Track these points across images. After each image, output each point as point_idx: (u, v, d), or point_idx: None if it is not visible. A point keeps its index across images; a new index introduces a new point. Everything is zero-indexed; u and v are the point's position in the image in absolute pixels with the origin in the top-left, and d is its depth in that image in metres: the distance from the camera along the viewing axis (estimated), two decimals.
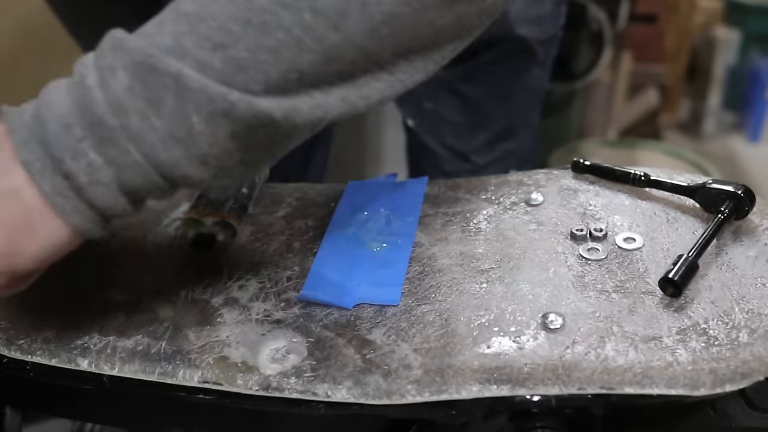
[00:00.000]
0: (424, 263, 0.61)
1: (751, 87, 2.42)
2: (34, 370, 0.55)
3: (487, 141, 1.04)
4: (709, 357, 0.50)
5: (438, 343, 0.53)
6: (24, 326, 0.57)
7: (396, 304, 0.57)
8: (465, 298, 0.57)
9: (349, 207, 0.69)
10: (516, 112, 1.05)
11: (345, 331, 0.55)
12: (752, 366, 0.50)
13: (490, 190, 0.70)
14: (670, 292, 0.55)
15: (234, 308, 0.58)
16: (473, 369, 0.51)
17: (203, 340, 0.55)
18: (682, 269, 0.55)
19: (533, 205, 0.67)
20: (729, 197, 0.62)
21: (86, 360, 0.54)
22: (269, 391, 0.51)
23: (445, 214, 0.67)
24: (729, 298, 0.55)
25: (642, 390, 0.49)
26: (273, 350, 0.54)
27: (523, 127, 1.07)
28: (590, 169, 0.70)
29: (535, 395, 0.50)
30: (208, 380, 0.52)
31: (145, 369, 0.54)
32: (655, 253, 0.60)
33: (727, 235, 0.61)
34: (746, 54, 2.42)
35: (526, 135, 1.07)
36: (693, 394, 0.49)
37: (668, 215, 0.64)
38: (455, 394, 0.50)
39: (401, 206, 0.68)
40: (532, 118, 1.07)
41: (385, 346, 0.53)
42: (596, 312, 0.55)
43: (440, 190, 0.71)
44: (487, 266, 0.60)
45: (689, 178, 0.66)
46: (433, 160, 1.05)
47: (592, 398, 0.49)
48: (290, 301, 0.58)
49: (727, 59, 2.42)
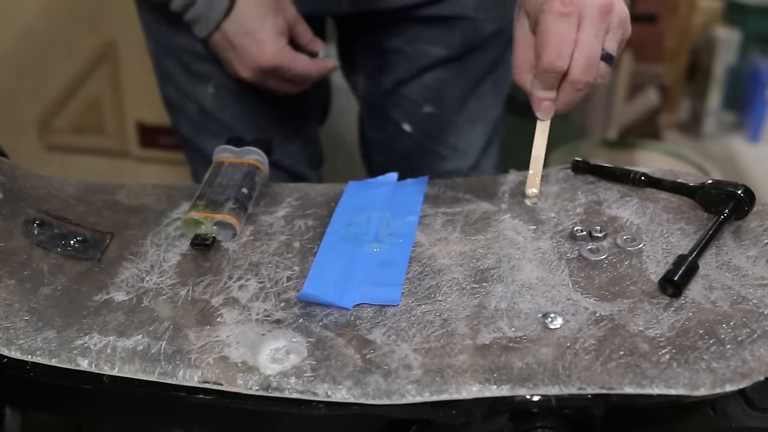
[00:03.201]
0: (424, 263, 0.61)
1: (751, 87, 2.42)
2: (34, 370, 0.55)
3: (484, 132, 1.05)
4: (709, 357, 0.50)
5: (438, 343, 0.53)
6: (24, 326, 0.57)
7: (396, 304, 0.57)
8: (465, 298, 0.57)
9: (349, 207, 0.69)
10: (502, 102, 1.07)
11: (345, 331, 0.55)
12: (752, 366, 0.50)
13: (490, 190, 0.70)
14: (670, 292, 0.55)
15: (234, 308, 0.58)
16: (473, 369, 0.51)
17: (203, 340, 0.55)
18: (682, 269, 0.55)
19: (533, 205, 0.67)
20: (729, 197, 0.62)
21: (86, 360, 0.54)
22: (269, 391, 0.51)
23: (445, 214, 0.67)
24: (729, 298, 0.55)
25: (642, 390, 0.49)
26: (273, 350, 0.54)
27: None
28: (590, 169, 0.70)
29: (535, 395, 0.50)
30: (208, 380, 0.52)
31: (145, 369, 0.54)
32: (655, 253, 0.60)
33: (727, 235, 0.61)
34: (746, 54, 2.42)
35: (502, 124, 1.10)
36: (693, 394, 0.49)
37: (668, 215, 0.64)
38: (455, 394, 0.50)
39: (401, 206, 0.68)
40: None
41: (385, 346, 0.53)
42: (596, 312, 0.55)
43: (440, 190, 0.71)
44: (487, 266, 0.60)
45: (689, 178, 0.66)
46: (433, 162, 1.05)
47: (592, 398, 0.49)
48: (290, 301, 0.58)
49: (727, 59, 2.42)
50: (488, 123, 1.06)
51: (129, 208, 0.71)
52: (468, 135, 1.04)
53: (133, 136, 1.85)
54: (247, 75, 0.85)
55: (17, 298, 0.59)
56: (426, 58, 0.98)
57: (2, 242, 0.65)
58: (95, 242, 0.66)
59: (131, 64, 1.77)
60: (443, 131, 1.03)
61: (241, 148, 0.72)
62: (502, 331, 0.54)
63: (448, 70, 0.99)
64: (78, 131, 1.88)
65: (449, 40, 0.97)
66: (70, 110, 1.84)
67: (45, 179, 0.74)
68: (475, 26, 0.96)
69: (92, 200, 0.72)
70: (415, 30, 0.96)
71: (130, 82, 1.79)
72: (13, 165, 0.73)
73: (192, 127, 1.00)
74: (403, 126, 1.04)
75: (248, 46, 0.82)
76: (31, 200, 0.70)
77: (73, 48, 1.77)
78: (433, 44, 0.97)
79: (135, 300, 0.59)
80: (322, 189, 0.73)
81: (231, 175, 0.70)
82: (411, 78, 1.00)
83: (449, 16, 0.95)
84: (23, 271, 0.62)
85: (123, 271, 0.63)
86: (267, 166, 0.72)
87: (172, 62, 0.96)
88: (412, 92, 1.01)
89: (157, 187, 0.74)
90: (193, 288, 0.60)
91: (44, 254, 0.64)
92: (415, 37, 0.97)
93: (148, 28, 0.98)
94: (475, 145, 1.05)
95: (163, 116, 1.05)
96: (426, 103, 1.01)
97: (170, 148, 1.80)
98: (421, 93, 1.01)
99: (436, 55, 0.98)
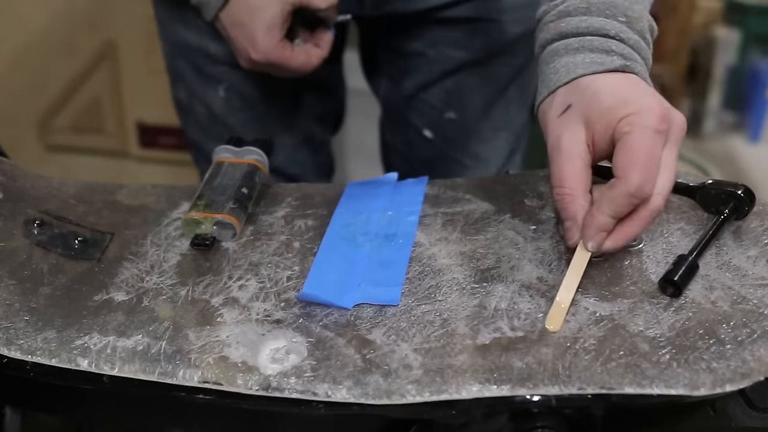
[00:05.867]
0: (424, 263, 0.61)
1: (751, 87, 2.42)
2: (34, 370, 0.55)
3: (507, 142, 1.03)
4: (709, 357, 0.50)
5: (438, 343, 0.53)
6: (24, 326, 0.57)
7: (396, 304, 0.57)
8: (465, 298, 0.57)
9: (349, 207, 0.69)
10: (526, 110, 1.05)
11: (345, 331, 0.55)
12: (752, 366, 0.50)
13: (490, 189, 0.70)
14: (670, 292, 0.55)
15: (234, 308, 0.58)
16: (473, 369, 0.51)
17: (203, 340, 0.55)
18: (682, 269, 0.55)
19: (533, 204, 0.67)
20: (729, 197, 0.62)
21: (86, 360, 0.54)
22: (269, 391, 0.51)
23: (445, 214, 0.67)
24: (729, 298, 0.55)
25: (642, 390, 0.49)
26: (273, 350, 0.54)
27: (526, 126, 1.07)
28: None
29: (535, 395, 0.50)
30: (208, 380, 0.52)
31: (145, 369, 0.54)
32: (655, 253, 0.60)
33: (727, 235, 0.61)
34: (746, 54, 2.42)
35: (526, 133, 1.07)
36: (693, 394, 0.49)
37: (668, 215, 0.64)
38: (455, 394, 0.50)
39: (401, 206, 0.68)
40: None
41: (385, 346, 0.53)
42: (596, 312, 0.55)
43: (440, 190, 0.71)
44: (487, 266, 0.60)
45: (689, 178, 0.66)
46: (455, 170, 1.02)
47: (592, 398, 0.49)
48: (290, 301, 0.58)
49: (727, 59, 2.41)
50: (513, 132, 1.03)
51: (129, 208, 0.71)
52: (492, 144, 1.02)
53: (133, 136, 1.85)
54: (245, 65, 0.83)
55: (17, 298, 0.59)
56: (448, 61, 0.95)
57: (2, 242, 0.65)
58: (95, 242, 0.66)
59: (131, 64, 1.77)
60: (466, 139, 1.01)
61: (241, 148, 0.72)
62: (502, 331, 0.54)
63: (472, 75, 0.96)
64: (78, 131, 1.88)
65: (472, 44, 0.94)
66: (70, 110, 1.84)
67: (45, 179, 0.74)
68: (499, 28, 0.93)
69: (92, 200, 0.72)
70: (437, 33, 0.94)
71: (130, 82, 1.79)
72: (13, 165, 0.73)
73: (200, 130, 0.99)
74: (424, 132, 1.01)
75: (240, 39, 0.79)
76: (31, 200, 0.70)
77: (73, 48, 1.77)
78: (455, 47, 0.94)
79: (135, 300, 0.59)
80: (322, 189, 0.73)
81: (231, 175, 0.70)
82: (433, 82, 0.97)
83: (472, 18, 0.92)
84: (23, 271, 0.62)
85: (123, 271, 0.63)
86: (267, 166, 0.72)
87: (185, 63, 0.95)
88: (433, 97, 0.98)
89: (157, 187, 0.74)
90: (193, 288, 0.60)
91: (44, 254, 0.64)
92: (437, 40, 0.94)
93: (162, 28, 0.97)
94: (498, 154, 1.03)
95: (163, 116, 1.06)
96: (448, 108, 0.98)
97: (170, 148, 1.80)
98: (443, 98, 0.98)
99: (458, 59, 0.95)
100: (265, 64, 0.80)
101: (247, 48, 0.79)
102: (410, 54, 0.97)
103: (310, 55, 0.82)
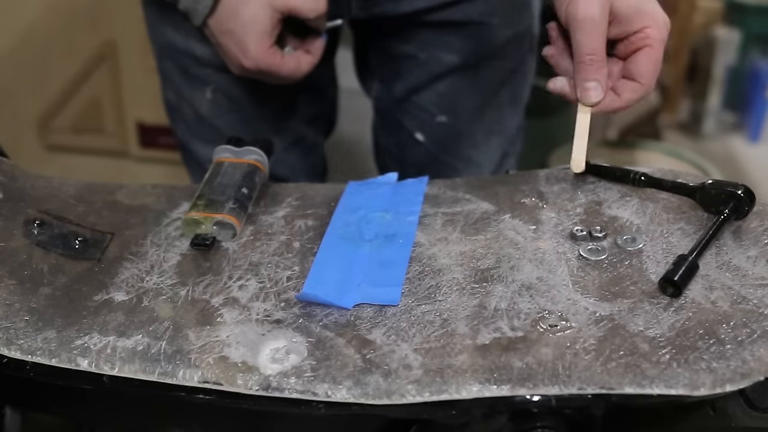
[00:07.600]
0: (424, 263, 0.61)
1: (751, 87, 2.42)
2: (34, 370, 0.55)
3: (499, 145, 1.03)
4: (709, 357, 0.50)
5: (438, 343, 0.53)
6: (24, 326, 0.57)
7: (396, 304, 0.57)
8: (465, 298, 0.57)
9: (349, 207, 0.69)
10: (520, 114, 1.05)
11: (345, 331, 0.55)
12: (752, 366, 0.50)
13: (489, 189, 0.70)
14: (670, 292, 0.55)
15: (234, 308, 0.58)
16: (473, 369, 0.51)
17: (203, 340, 0.55)
18: (682, 269, 0.55)
19: (533, 204, 0.67)
20: (729, 197, 0.62)
21: (86, 360, 0.54)
22: (269, 391, 0.51)
23: (445, 214, 0.67)
24: (729, 298, 0.55)
25: (642, 390, 0.49)
26: (273, 350, 0.54)
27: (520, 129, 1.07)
28: (590, 169, 0.70)
29: (535, 395, 0.50)
30: (208, 380, 0.53)
31: (145, 369, 0.54)
32: (655, 253, 0.60)
33: (727, 235, 0.61)
34: (746, 54, 2.42)
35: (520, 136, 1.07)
36: (693, 394, 0.49)
37: (668, 215, 0.64)
38: (455, 394, 0.50)
39: (401, 206, 0.68)
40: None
41: (385, 346, 0.53)
42: (596, 312, 0.55)
43: (440, 190, 0.71)
44: (487, 266, 0.60)
45: (689, 178, 0.66)
46: (446, 174, 1.03)
47: (592, 398, 0.49)
48: (290, 301, 0.58)
49: (727, 59, 2.41)
50: (505, 136, 1.03)
51: (129, 208, 0.71)
52: (484, 148, 1.02)
53: (133, 136, 1.85)
54: (236, 72, 0.83)
55: (17, 298, 0.59)
56: (439, 65, 0.96)
57: (2, 242, 0.65)
58: (95, 242, 0.66)
59: (131, 64, 1.77)
60: (458, 143, 1.01)
61: (241, 148, 0.72)
62: (502, 331, 0.54)
63: (463, 79, 0.97)
64: (78, 131, 1.88)
65: (462, 47, 0.94)
66: (70, 110, 1.85)
67: (45, 179, 0.74)
68: (489, 32, 0.94)
69: (92, 200, 0.72)
70: (427, 35, 0.94)
71: (130, 82, 1.79)
72: (13, 165, 0.73)
73: (187, 131, 0.99)
74: (416, 135, 1.01)
75: (230, 46, 0.79)
76: (31, 200, 0.70)
77: (73, 48, 1.77)
78: (446, 50, 0.95)
79: (135, 300, 0.59)
80: (322, 189, 0.73)
81: (231, 175, 0.70)
82: (424, 85, 0.98)
83: (461, 21, 0.93)
84: (23, 271, 0.62)
85: (123, 271, 0.63)
86: (267, 166, 0.72)
87: (172, 65, 0.95)
88: (425, 100, 0.99)
89: (157, 187, 0.74)
90: (193, 288, 0.60)
91: (44, 254, 0.64)
92: (427, 42, 0.95)
93: (151, 29, 0.97)
94: (491, 158, 1.03)
95: (163, 116, 1.06)
96: (440, 112, 0.99)
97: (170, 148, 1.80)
98: (435, 101, 0.98)
99: (449, 62, 0.95)
100: (256, 72, 0.80)
101: (237, 55, 0.79)
102: (401, 57, 0.97)
103: (301, 61, 0.82)
